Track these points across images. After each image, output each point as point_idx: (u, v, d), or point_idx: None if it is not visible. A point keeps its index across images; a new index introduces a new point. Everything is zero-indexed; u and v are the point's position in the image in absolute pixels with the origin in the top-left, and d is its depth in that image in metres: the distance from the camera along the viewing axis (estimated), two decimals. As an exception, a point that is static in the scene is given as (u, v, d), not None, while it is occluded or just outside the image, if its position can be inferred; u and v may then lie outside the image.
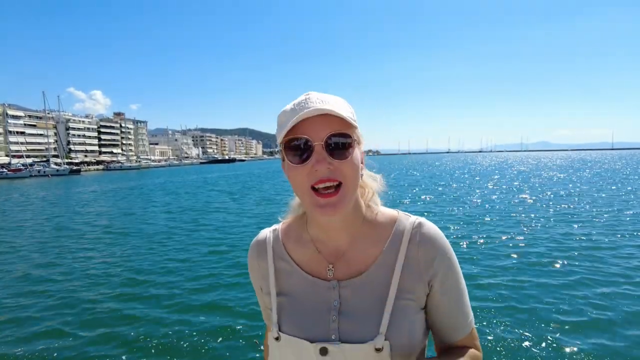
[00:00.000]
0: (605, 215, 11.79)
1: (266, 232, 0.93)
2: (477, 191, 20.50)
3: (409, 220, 0.84)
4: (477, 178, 30.80)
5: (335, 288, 0.80)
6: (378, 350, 0.73)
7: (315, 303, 0.81)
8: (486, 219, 11.83)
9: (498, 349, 4.17)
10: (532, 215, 12.30)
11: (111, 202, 21.44)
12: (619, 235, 9.03)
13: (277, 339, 0.81)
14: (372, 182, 0.88)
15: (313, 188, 0.73)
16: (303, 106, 0.72)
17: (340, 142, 0.72)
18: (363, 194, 0.86)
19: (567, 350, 4.09)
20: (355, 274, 0.81)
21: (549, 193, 18.32)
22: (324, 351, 0.75)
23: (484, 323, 4.69)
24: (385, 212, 0.87)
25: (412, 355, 0.77)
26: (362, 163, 0.79)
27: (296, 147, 0.73)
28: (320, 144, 0.71)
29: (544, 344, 4.21)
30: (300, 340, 0.77)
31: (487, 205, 14.86)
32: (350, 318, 0.78)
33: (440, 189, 22.55)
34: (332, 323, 0.78)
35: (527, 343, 4.26)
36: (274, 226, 0.94)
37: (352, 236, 0.83)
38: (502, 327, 4.62)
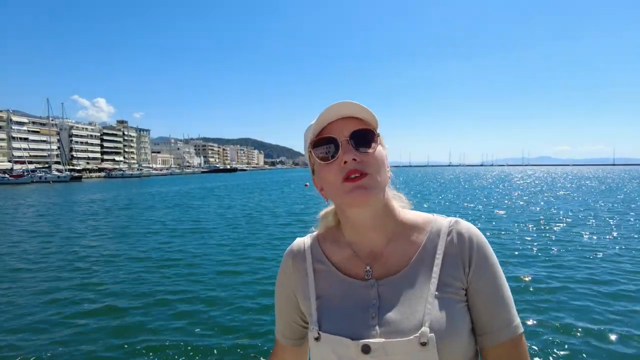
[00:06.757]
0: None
1: (303, 239, 0.96)
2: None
3: (445, 220, 0.86)
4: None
5: (374, 286, 0.81)
6: (423, 344, 0.71)
7: (355, 302, 0.81)
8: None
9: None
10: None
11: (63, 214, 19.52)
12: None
13: (317, 338, 0.80)
14: (399, 200, 0.91)
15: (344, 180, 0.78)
16: (325, 113, 0.80)
17: (363, 136, 0.79)
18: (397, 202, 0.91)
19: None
20: (393, 273, 0.81)
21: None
22: (366, 348, 0.73)
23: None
24: (419, 214, 0.89)
25: (460, 351, 0.75)
26: (387, 166, 0.84)
27: (325, 146, 0.80)
28: (345, 139, 0.78)
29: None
30: (341, 338, 0.76)
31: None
32: (391, 314, 0.77)
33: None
34: (371, 320, 0.77)
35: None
36: (310, 234, 0.97)
37: (387, 237, 0.84)
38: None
